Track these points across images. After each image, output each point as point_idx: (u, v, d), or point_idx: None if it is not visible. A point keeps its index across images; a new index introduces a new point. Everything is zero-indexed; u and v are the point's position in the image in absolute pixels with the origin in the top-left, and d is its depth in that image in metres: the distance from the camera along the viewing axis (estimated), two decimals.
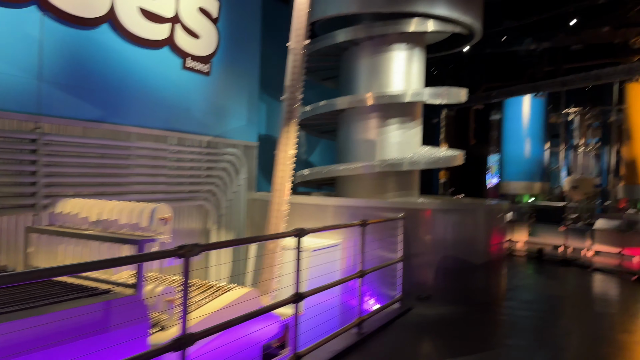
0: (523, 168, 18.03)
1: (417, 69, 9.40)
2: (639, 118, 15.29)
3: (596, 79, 12.31)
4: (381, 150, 9.06)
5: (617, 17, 11.66)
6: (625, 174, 15.80)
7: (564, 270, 11.81)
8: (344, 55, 9.47)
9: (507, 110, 18.43)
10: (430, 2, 8.28)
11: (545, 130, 18.20)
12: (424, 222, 7.89)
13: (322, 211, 8.05)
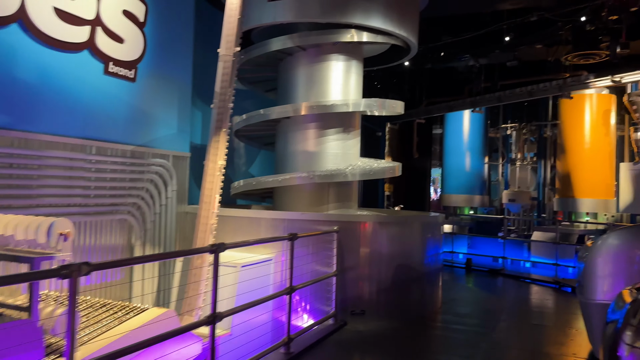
0: (464, 181, 18.39)
1: (355, 81, 9.32)
2: (571, 133, 15.92)
3: (530, 95, 12.71)
4: (319, 161, 8.87)
5: (549, 35, 12.11)
6: (560, 187, 16.39)
7: (500, 281, 11.99)
8: (281, 64, 9.28)
9: (448, 124, 18.82)
10: (366, 15, 8.22)
11: (484, 144, 18.68)
12: (359, 235, 7.72)
13: (256, 225, 7.74)
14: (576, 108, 15.79)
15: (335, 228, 7.31)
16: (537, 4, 10.98)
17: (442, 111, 16.24)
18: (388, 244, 7.87)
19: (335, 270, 7.27)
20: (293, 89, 9.04)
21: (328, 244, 7.34)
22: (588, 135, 15.56)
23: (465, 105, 14.87)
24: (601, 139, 15.47)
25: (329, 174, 8.29)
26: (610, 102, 15.64)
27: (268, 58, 9.32)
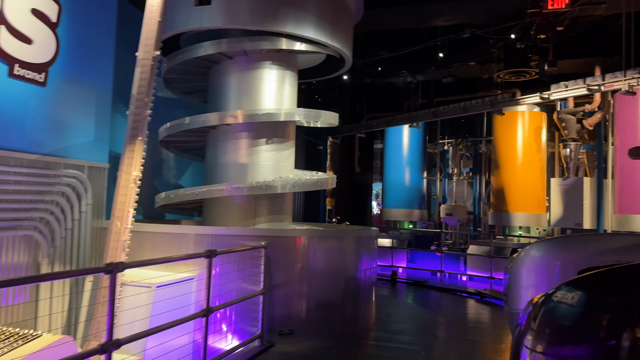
0: (403, 195, 18.51)
1: (289, 91, 9.08)
2: (504, 149, 16.38)
3: (464, 111, 12.95)
4: (250, 172, 8.51)
5: (482, 53, 12.41)
6: (494, 201, 16.78)
7: (434, 295, 11.97)
8: (211, 71, 8.91)
9: (388, 139, 18.95)
10: (298, 24, 8.01)
11: (423, 159, 18.92)
12: (289, 250, 7.40)
13: (178, 241, 7.25)
14: (509, 125, 16.28)
15: (263, 243, 6.96)
16: (469, 20, 11.22)
17: (381, 126, 16.31)
18: (320, 259, 7.59)
19: (262, 288, 6.89)
20: (224, 97, 8.68)
21: (255, 260, 6.97)
22: (520, 151, 16.06)
23: (403, 121, 14.99)
24: (533, 154, 15.99)
25: (258, 185, 7.94)
26: (541, 119, 16.23)
27: (200, 66, 8.94)
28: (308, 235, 7.63)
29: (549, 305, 2.48)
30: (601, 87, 9.86)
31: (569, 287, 2.51)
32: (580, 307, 2.29)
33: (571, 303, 2.33)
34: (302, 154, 18.26)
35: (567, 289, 2.47)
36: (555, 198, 15.08)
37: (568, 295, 2.40)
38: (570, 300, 2.34)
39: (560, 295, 2.45)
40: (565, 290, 2.46)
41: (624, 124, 13.14)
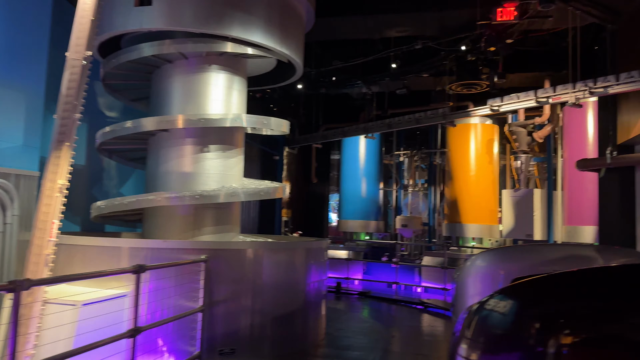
0: (360, 207, 18.40)
1: (237, 97, 8.76)
2: (457, 160, 16.53)
3: (417, 122, 12.98)
4: (195, 181, 8.10)
5: (434, 65, 12.49)
6: (448, 213, 16.87)
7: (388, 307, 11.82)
8: (154, 74, 8.51)
9: (345, 150, 18.86)
10: (245, 28, 7.74)
11: (379, 170, 18.90)
12: (233, 263, 7.04)
13: (112, 255, 6.76)
14: (462, 137, 16.46)
15: (203, 257, 6.58)
16: (421, 32, 11.27)
17: (337, 136, 16.20)
18: (266, 272, 7.27)
19: (201, 304, 6.51)
20: (167, 102, 8.27)
21: (195, 275, 6.58)
22: (473, 163, 16.24)
23: (358, 131, 14.92)
24: (485, 166, 16.20)
25: (200, 195, 7.55)
26: (493, 131, 16.50)
27: (144, 71, 8.53)
28: (253, 248, 7.30)
29: (482, 314, 2.48)
30: (549, 99, 10.02)
31: (500, 295, 2.51)
32: (510, 315, 2.30)
33: (502, 311, 2.34)
34: (257, 164, 17.91)
35: (499, 298, 2.47)
36: (507, 209, 15.29)
37: (500, 303, 2.41)
38: (501, 309, 2.36)
39: (492, 304, 2.45)
40: (497, 299, 2.46)
41: (573, 136, 13.47)
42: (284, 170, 18.36)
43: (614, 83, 8.98)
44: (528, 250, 5.88)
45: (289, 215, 18.65)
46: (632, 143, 10.36)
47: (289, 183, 18.78)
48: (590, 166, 10.92)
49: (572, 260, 4.77)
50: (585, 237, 12.84)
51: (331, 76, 14.10)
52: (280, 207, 17.78)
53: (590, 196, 12.75)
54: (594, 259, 4.86)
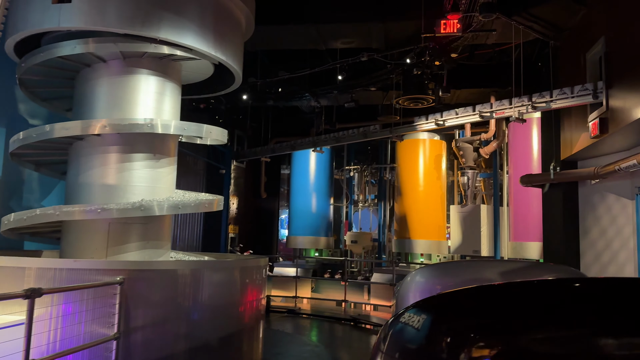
0: (309, 222, 17.97)
1: (170, 104, 8.17)
2: (406, 176, 16.41)
3: (364, 136, 12.76)
4: (120, 192, 7.42)
5: (382, 79, 12.32)
6: (397, 228, 16.68)
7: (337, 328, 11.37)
8: (78, 76, 7.86)
9: (295, 164, 18.45)
10: (176, 31, 7.23)
11: (330, 185, 18.58)
12: (156, 285, 6.41)
13: (17, 277, 6.01)
14: (411, 152, 16.39)
15: (118, 278, 5.93)
16: (367, 44, 11.07)
17: (285, 150, 15.78)
18: (194, 294, 6.66)
19: (115, 332, 5.84)
20: (90, 106, 7.59)
21: (110, 299, 5.92)
22: (422, 179, 16.16)
23: (307, 145, 14.56)
24: (433, 182, 16.15)
25: (124, 207, 6.90)
26: (441, 147, 16.51)
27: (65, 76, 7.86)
28: (179, 267, 6.70)
29: (396, 328, 2.46)
30: (492, 114, 9.97)
31: (414, 309, 2.48)
32: (423, 329, 2.28)
33: (415, 325, 2.33)
34: (202, 178, 17.25)
35: (413, 312, 2.44)
36: (455, 225, 15.23)
37: (413, 317, 2.38)
38: (415, 323, 2.34)
39: (406, 318, 2.43)
40: (411, 313, 2.44)
41: (518, 152, 13.57)
42: (232, 185, 17.74)
43: (556, 98, 8.99)
44: (464, 266, 6.05)
45: (236, 231, 17.98)
46: (575, 159, 10.43)
47: (236, 198, 18.16)
48: (534, 182, 10.93)
49: (505, 276, 4.84)
50: (531, 253, 12.85)
51: (278, 87, 13.72)
52: (226, 223, 17.12)
53: (535, 212, 12.80)
54: (523, 275, 4.98)
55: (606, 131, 8.21)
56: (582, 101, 8.60)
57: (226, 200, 17.06)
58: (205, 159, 16.78)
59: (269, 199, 19.69)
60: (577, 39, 9.53)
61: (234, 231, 17.90)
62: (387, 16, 10.00)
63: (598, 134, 8.32)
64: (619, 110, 7.80)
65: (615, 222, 9.58)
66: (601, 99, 8.26)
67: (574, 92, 8.65)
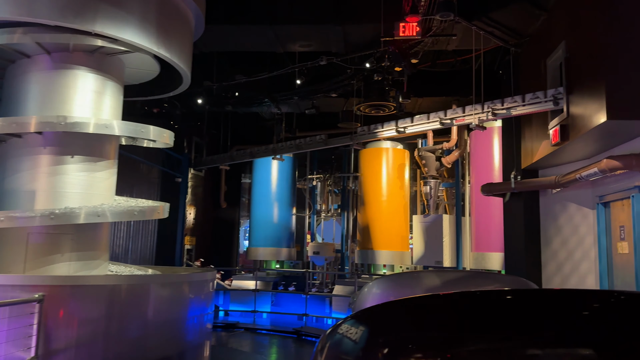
0: (271, 233, 17.39)
1: (111, 104, 7.56)
2: (369, 185, 16.08)
3: (325, 144, 12.37)
4: (50, 198, 6.76)
5: (342, 85, 11.99)
6: (360, 239, 16.29)
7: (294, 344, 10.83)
8: (8, 70, 7.20)
9: (256, 173, 17.89)
10: (113, 24, 6.66)
11: (292, 195, 18.08)
12: (83, 302, 5.76)
13: None
14: (374, 161, 16.09)
15: (37, 296, 5.28)
16: (326, 47, 10.72)
17: (244, 158, 15.21)
18: (128, 311, 6.06)
19: (33, 355, 5.18)
20: (21, 104, 6.95)
21: (28, 318, 5.26)
22: (385, 188, 15.86)
23: (267, 153, 14.06)
24: (397, 191, 15.86)
25: (69, 213, 6.25)
26: (404, 156, 16.27)
27: None
28: (110, 283, 6.08)
29: (333, 339, 2.43)
30: (452, 121, 9.72)
31: (351, 320, 2.46)
32: (361, 341, 2.27)
33: (353, 337, 2.31)
34: (157, 186, 16.49)
35: (350, 323, 2.42)
36: (417, 235, 14.95)
37: (350, 329, 2.37)
38: (351, 334, 2.33)
39: (343, 329, 2.41)
40: (348, 324, 2.42)
41: (479, 162, 13.42)
42: (189, 194, 17.03)
43: (516, 104, 8.79)
44: (419, 276, 6.19)
45: (193, 243, 17.24)
46: (536, 167, 10.27)
47: (193, 207, 17.44)
48: (494, 191, 10.72)
49: (456, 286, 4.94)
50: (493, 263, 12.65)
51: (235, 92, 13.19)
52: (182, 234, 16.37)
53: (497, 222, 12.63)
54: (473, 285, 5.06)
55: (567, 138, 8.03)
56: (542, 107, 8.43)
57: (182, 210, 16.34)
58: (160, 167, 16.04)
59: (229, 209, 19.02)
60: (537, 45, 9.41)
61: (190, 243, 17.16)
62: (346, 19, 9.67)
63: (559, 141, 8.13)
64: (579, 117, 7.63)
65: (576, 232, 9.43)
66: (562, 106, 8.09)
67: (535, 99, 8.47)
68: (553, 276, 9.87)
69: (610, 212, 8.46)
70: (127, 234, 15.29)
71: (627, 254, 7.75)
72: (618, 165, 7.24)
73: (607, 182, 8.40)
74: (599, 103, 6.85)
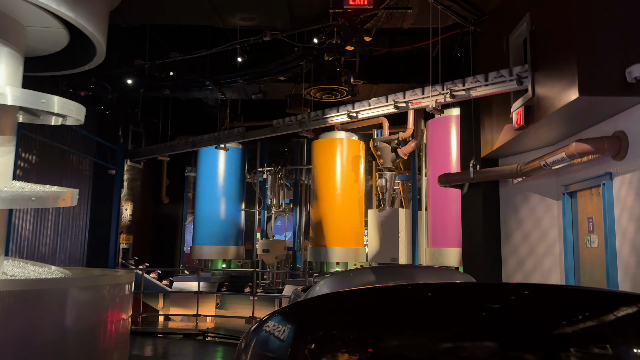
0: (217, 230, 16.17)
1: (7, 74, 6.27)
2: (323, 178, 15.13)
3: (273, 131, 11.30)
4: None
5: (290, 67, 10.95)
6: (313, 235, 15.34)
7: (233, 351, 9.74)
8: None
9: (201, 165, 16.61)
10: None
11: (241, 189, 16.91)
12: None
13: None
14: (327, 153, 15.16)
15: None
16: (270, 22, 9.65)
17: (185, 148, 13.94)
18: (22, 320, 4.88)
19: None
20: None
21: None
22: (339, 182, 14.96)
23: (209, 142, 12.86)
24: (351, 185, 14.99)
25: None
26: (359, 147, 15.41)
27: None
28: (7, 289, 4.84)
29: (260, 336, 2.34)
30: (408, 104, 8.87)
31: (278, 316, 2.36)
32: (287, 338, 2.18)
33: (279, 335, 2.21)
34: (89, 180, 15.00)
35: (277, 319, 2.32)
36: (372, 231, 14.13)
37: (277, 325, 2.25)
38: (278, 331, 2.23)
39: (270, 326, 2.28)
40: (275, 321, 2.30)
41: (436, 153, 12.67)
42: (125, 188, 15.59)
43: (476, 84, 7.99)
44: (362, 273, 5.95)
45: (130, 241, 15.81)
46: (496, 156, 9.55)
47: (130, 203, 16.00)
48: (452, 181, 9.95)
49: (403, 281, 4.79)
50: (450, 259, 11.92)
51: (170, 71, 11.88)
52: (117, 232, 14.93)
53: (454, 216, 11.93)
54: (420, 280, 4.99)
55: (531, 121, 7.27)
56: (506, 88, 7.66)
57: (117, 205, 14.90)
58: (91, 158, 14.56)
59: (173, 204, 17.64)
60: (499, 23, 8.66)
61: (127, 241, 15.72)
62: None
63: (523, 124, 7.38)
64: (545, 97, 6.87)
65: (539, 225, 8.74)
66: (526, 85, 7.34)
67: (498, 78, 7.68)
68: (514, 273, 9.18)
69: (577, 202, 7.78)
70: (55, 232, 13.79)
71: (596, 247, 7.07)
72: (588, 149, 6.52)
73: (573, 170, 7.72)
74: (569, 79, 6.09)
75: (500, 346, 1.80)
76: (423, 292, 2.38)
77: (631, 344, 1.75)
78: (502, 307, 2.07)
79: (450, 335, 1.87)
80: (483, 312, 2.03)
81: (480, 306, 2.06)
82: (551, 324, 1.83)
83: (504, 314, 2.02)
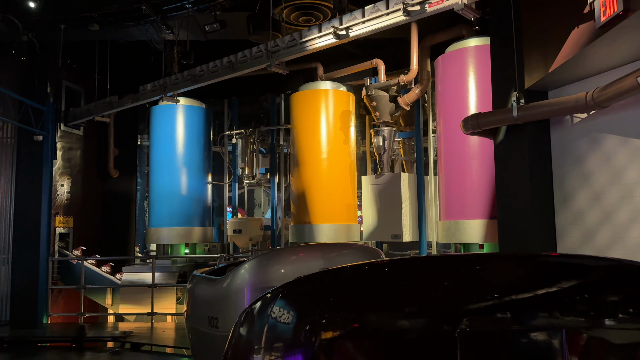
0: (178, 209, 13.23)
1: None
2: (305, 140, 12.24)
3: (233, 69, 8.36)
4: None
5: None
6: (294, 211, 12.50)
7: None
8: None
9: (155, 130, 13.57)
10: None
11: (207, 158, 13.94)
12: None
13: None
14: (310, 108, 12.23)
15: None
16: None
17: (126, 104, 10.90)
18: None
19: None
20: None
21: None
22: (325, 143, 12.07)
23: (154, 92, 9.88)
24: (340, 147, 12.12)
25: None
26: (349, 100, 12.50)
27: None
28: None
29: (254, 318, 2.36)
30: (424, 5, 5.93)
31: (273, 298, 2.31)
32: (287, 319, 2.22)
33: (277, 316, 2.22)
34: (13, 149, 11.93)
35: (280, 302, 2.28)
36: (368, 202, 11.32)
37: (274, 308, 2.25)
38: (277, 312, 2.24)
39: (276, 311, 2.26)
40: (268, 302, 2.30)
41: (449, 99, 9.79)
42: (59, 159, 12.52)
43: None
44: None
45: (69, 224, 12.82)
46: (544, 87, 6.74)
47: (68, 178, 12.95)
48: (484, 125, 7.11)
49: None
50: (471, 234, 9.15)
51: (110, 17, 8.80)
52: (49, 214, 11.91)
53: (475, 179, 9.17)
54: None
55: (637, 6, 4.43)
56: None
57: (48, 180, 11.86)
58: (12, 122, 11.47)
59: (124, 179, 14.58)
60: None
61: (65, 225, 12.73)
62: None
63: (618, 11, 4.52)
64: None
65: (618, 180, 5.97)
66: None
67: None
68: (577, 250, 6.44)
69: None
70: None
71: None
72: None
73: None
74: None
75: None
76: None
77: None
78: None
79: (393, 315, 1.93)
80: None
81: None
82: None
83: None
